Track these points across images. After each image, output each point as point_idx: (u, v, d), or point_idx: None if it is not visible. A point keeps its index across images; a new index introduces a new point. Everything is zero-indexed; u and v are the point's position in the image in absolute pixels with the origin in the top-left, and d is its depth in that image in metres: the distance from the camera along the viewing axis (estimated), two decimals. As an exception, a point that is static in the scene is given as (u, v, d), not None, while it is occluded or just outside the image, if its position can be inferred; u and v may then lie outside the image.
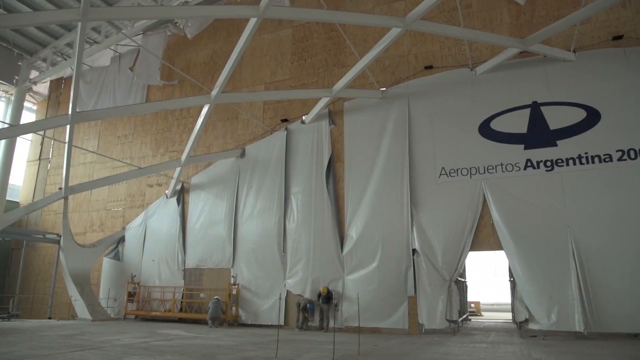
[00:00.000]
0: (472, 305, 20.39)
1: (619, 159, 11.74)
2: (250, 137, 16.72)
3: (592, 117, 12.21)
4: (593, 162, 11.95)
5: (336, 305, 13.45)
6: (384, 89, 14.61)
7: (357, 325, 11.21)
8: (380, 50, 12.39)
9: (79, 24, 11.27)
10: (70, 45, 20.52)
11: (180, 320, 15.88)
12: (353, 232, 13.87)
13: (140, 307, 16.83)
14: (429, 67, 14.23)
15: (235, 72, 16.38)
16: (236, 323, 14.97)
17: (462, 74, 13.76)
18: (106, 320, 16.09)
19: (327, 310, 13.51)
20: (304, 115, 15.66)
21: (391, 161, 13.81)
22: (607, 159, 11.85)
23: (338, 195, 14.46)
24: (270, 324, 14.26)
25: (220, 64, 15.62)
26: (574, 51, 12.75)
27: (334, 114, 15.26)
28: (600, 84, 12.35)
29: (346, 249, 13.89)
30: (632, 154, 11.64)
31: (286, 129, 15.88)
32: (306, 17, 11.73)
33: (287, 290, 14.48)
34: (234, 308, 15.10)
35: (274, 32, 17.30)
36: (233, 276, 15.47)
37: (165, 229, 17.41)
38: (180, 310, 16.03)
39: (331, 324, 13.33)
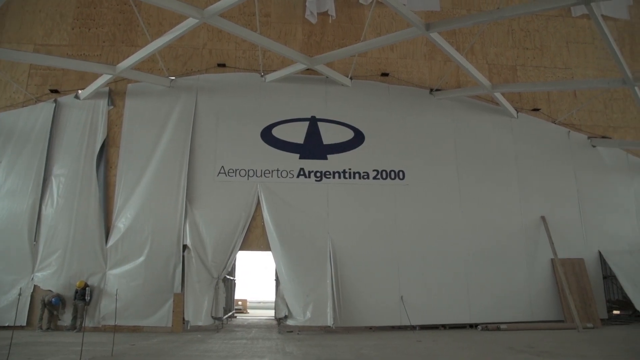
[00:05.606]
0: (240, 302, 21.10)
1: (374, 177, 13.74)
2: (7, 103, 14.06)
3: (358, 138, 13.98)
4: (354, 177, 13.68)
5: (89, 302, 12.30)
6: (174, 78, 14.04)
7: (115, 323, 10.43)
8: (174, 37, 11.87)
9: None
10: None
11: None
12: (121, 224, 12.89)
13: None
14: (221, 65, 14.22)
15: (-4, 23, 13.75)
16: (-42, 326, 12.36)
17: (253, 78, 14.19)
18: None
19: (82, 307, 12.24)
20: (79, 89, 13.95)
21: (171, 153, 13.33)
22: (365, 176, 13.71)
23: (109, 183, 13.26)
24: (8, 324, 12.19)
25: (-23, 8, 12.92)
26: (351, 78, 14.42)
27: (114, 94, 13.96)
28: (367, 111, 14.23)
29: (111, 241, 12.81)
30: (384, 175, 13.76)
31: (55, 101, 13.90)
32: (94, -19, 10.55)
33: (34, 285, 12.59)
34: (-43, 307, 12.46)
35: (55, -12, 15.05)
36: (-38, 268, 12.78)
37: None
38: None
39: (88, 323, 12.15)
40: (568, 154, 15.09)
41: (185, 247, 12.71)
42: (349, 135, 13.95)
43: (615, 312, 15.43)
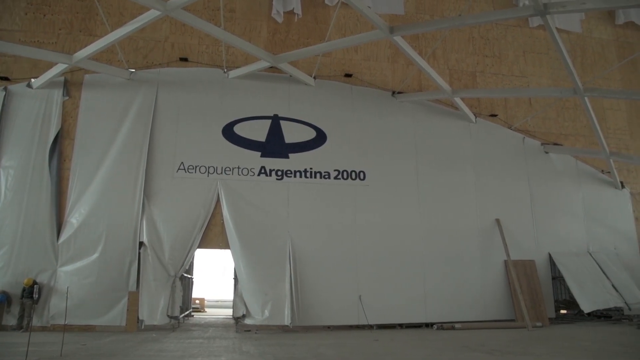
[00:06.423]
0: (197, 301, 20.78)
1: (335, 177, 13.84)
2: (-50, 89, 13.36)
3: (320, 138, 14.04)
4: (315, 177, 13.72)
5: (37, 301, 11.80)
6: (133, 70, 13.63)
7: (66, 322, 10.03)
8: (135, 29, 11.53)
9: None
10: None
11: None
12: (74, 219, 12.42)
13: None
14: (184, 59, 13.95)
15: (-59, 5, 12.99)
16: None
17: (215, 74, 13.98)
18: None
19: (29, 306, 11.73)
20: (32, 78, 13.35)
21: (129, 147, 12.96)
22: (326, 176, 13.78)
23: (62, 176, 12.74)
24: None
25: None
26: (315, 78, 14.44)
27: (70, 84, 13.42)
28: (330, 111, 14.30)
29: (63, 237, 12.32)
30: (345, 175, 13.88)
31: (5, 89, 13.24)
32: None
33: (-23, 283, 12.00)
34: None
35: (8, -30, 14.36)
36: None
37: None
38: None
39: (36, 322, 11.64)
40: (522, 159, 15.67)
41: (141, 244, 12.39)
42: (311, 134, 13.98)
43: (562, 311, 16.12)
